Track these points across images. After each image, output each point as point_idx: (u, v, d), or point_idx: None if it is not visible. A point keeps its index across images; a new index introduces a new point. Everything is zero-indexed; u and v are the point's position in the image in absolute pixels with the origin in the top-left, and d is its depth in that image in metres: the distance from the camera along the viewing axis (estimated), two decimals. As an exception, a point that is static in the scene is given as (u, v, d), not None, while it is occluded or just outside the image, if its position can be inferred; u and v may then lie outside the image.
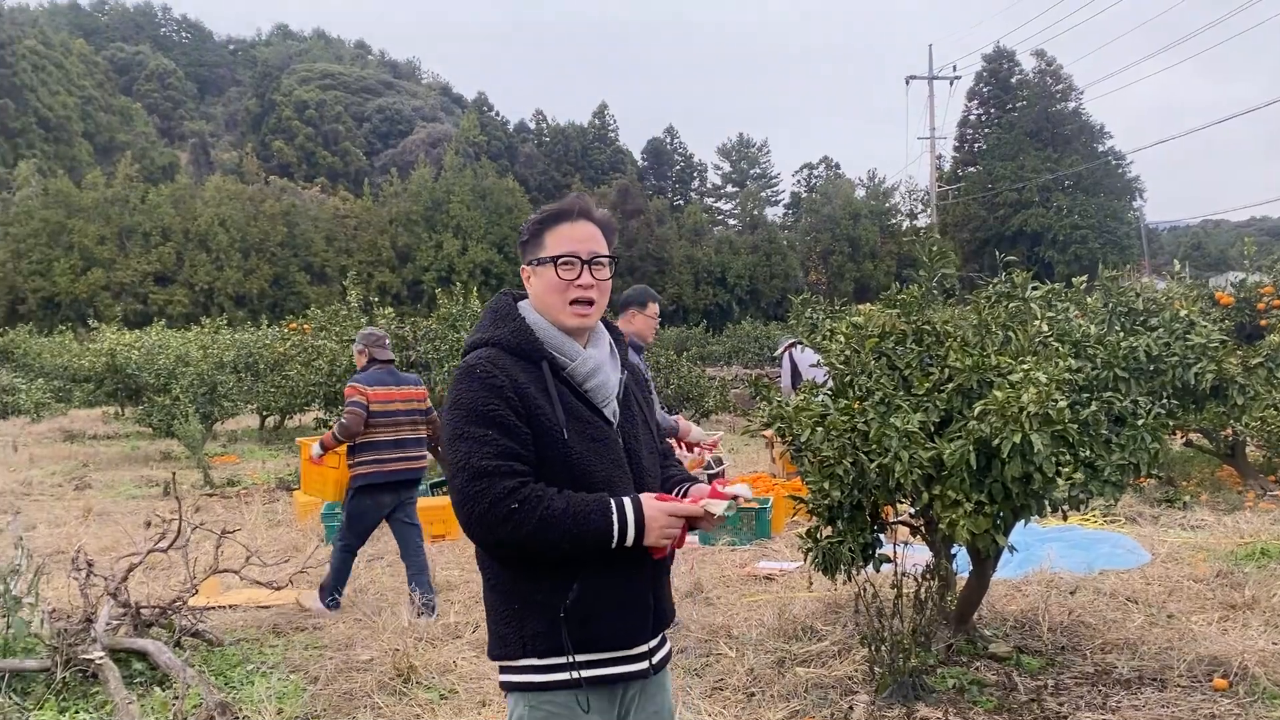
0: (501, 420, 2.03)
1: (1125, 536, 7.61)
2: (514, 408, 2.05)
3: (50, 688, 4.43)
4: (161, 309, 39.83)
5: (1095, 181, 51.98)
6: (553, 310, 2.19)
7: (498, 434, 2.02)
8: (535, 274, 2.21)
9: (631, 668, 2.16)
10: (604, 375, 2.21)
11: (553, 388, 2.12)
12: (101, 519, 9.88)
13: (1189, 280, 10.94)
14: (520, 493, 1.98)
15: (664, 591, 2.26)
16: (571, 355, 2.18)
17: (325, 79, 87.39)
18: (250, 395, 16.03)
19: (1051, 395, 3.54)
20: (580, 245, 2.20)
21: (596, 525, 2.01)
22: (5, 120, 59.70)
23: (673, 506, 2.08)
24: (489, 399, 2.04)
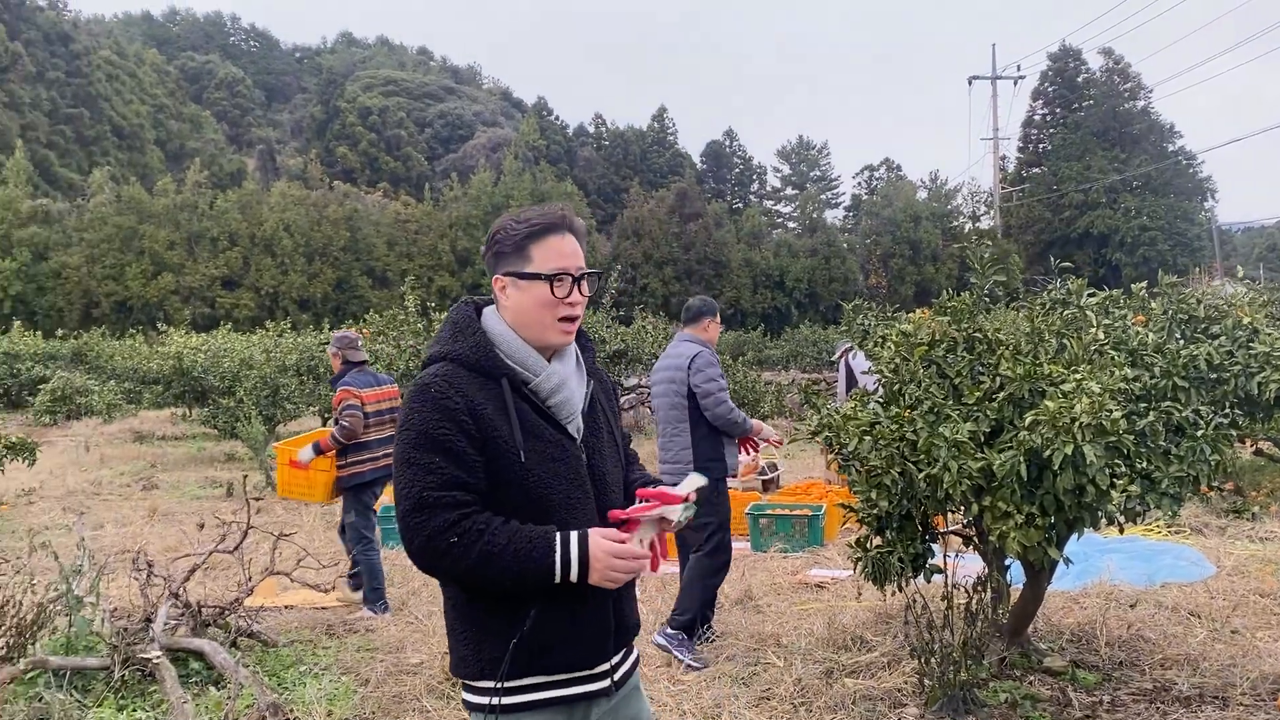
0: (449, 446, 1.97)
1: (1189, 548, 7.42)
2: (466, 431, 1.99)
3: (109, 685, 4.54)
4: (228, 312, 40.69)
5: (1165, 182, 50.75)
6: (537, 327, 2.12)
7: (444, 461, 1.96)
8: (519, 288, 2.11)
9: (593, 686, 2.12)
10: (568, 390, 2.15)
11: (511, 406, 2.06)
12: (166, 519, 10.11)
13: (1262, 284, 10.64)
14: (460, 525, 1.93)
15: (628, 607, 2.22)
16: (535, 370, 2.11)
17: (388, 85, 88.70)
18: (312, 398, 16.30)
19: (1105, 405, 3.45)
20: (570, 261, 2.12)
21: (538, 563, 1.95)
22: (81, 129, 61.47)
23: (619, 549, 1.99)
24: (440, 422, 1.97)
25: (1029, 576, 4.75)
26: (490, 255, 2.16)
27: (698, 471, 5.11)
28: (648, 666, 5.11)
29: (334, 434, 6.29)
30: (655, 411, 5.70)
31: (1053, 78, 56.18)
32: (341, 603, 6.53)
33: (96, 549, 8.19)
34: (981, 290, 4.59)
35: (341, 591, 6.58)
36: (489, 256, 2.17)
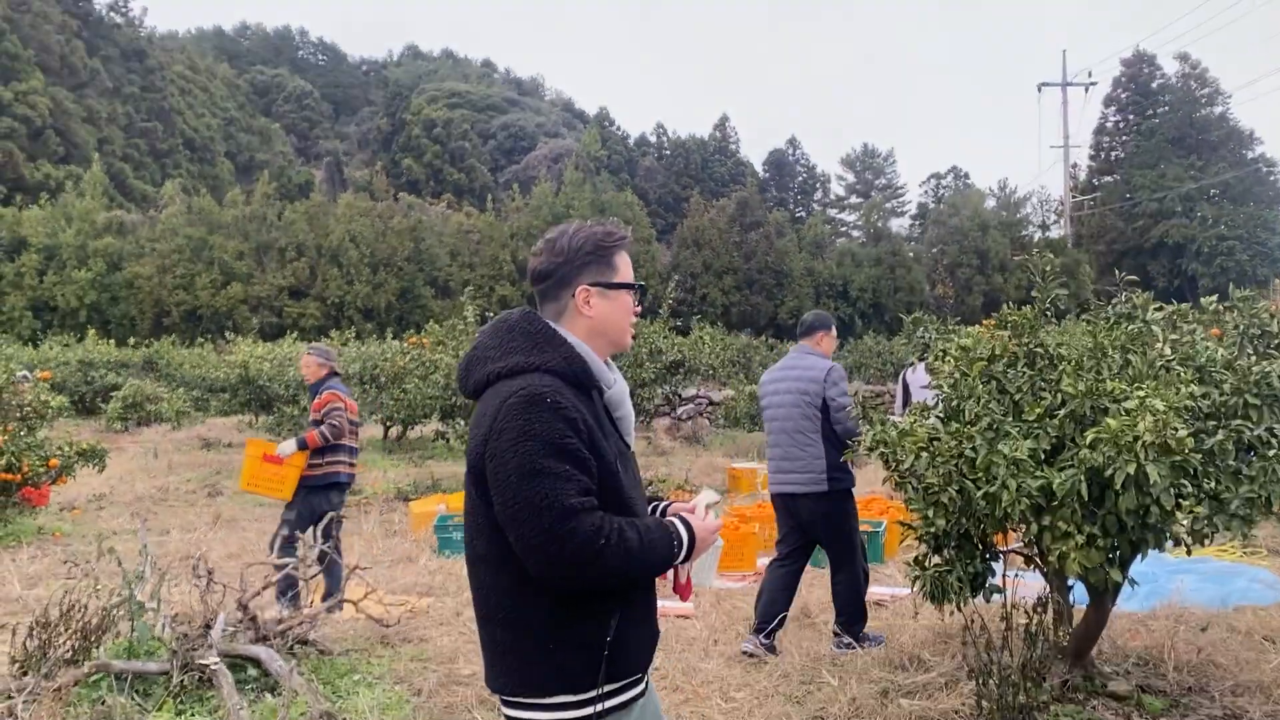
0: (578, 454, 1.96)
1: (1265, 570, 7.17)
2: (584, 440, 1.99)
3: (169, 690, 4.61)
4: (295, 321, 41.41)
5: (1244, 190, 49.35)
6: (618, 334, 2.19)
7: (576, 469, 1.95)
8: (604, 297, 2.15)
9: (640, 687, 2.16)
10: (629, 403, 2.24)
11: (605, 418, 2.11)
12: (230, 525, 10.30)
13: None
14: (605, 529, 1.93)
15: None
16: (608, 383, 2.16)
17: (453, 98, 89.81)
18: (374, 406, 16.51)
19: (1170, 423, 3.34)
20: (633, 274, 2.24)
21: (663, 552, 2.04)
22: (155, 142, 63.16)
23: (707, 525, 2.13)
24: (565, 431, 1.95)
25: (1092, 597, 4.61)
26: (570, 266, 2.14)
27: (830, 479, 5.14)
28: (696, 683, 5.06)
29: (322, 432, 6.65)
30: (773, 421, 5.80)
31: (1126, 83, 55.04)
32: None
33: (161, 554, 8.36)
34: (1044, 304, 4.48)
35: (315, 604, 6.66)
36: (573, 266, 2.14)
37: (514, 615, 2.03)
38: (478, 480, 2.02)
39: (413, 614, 6.50)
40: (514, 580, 2.02)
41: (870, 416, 4.74)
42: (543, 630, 2.01)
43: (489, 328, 2.18)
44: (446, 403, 11.84)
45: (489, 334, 2.15)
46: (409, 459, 17.16)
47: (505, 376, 2.04)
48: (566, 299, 2.15)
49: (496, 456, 1.95)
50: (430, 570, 7.86)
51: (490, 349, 2.10)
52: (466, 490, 2.09)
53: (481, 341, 2.15)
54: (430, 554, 8.52)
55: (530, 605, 2.01)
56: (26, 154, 51.33)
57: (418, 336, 16.61)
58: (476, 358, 2.12)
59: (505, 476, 1.93)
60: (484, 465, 1.98)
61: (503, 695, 2.10)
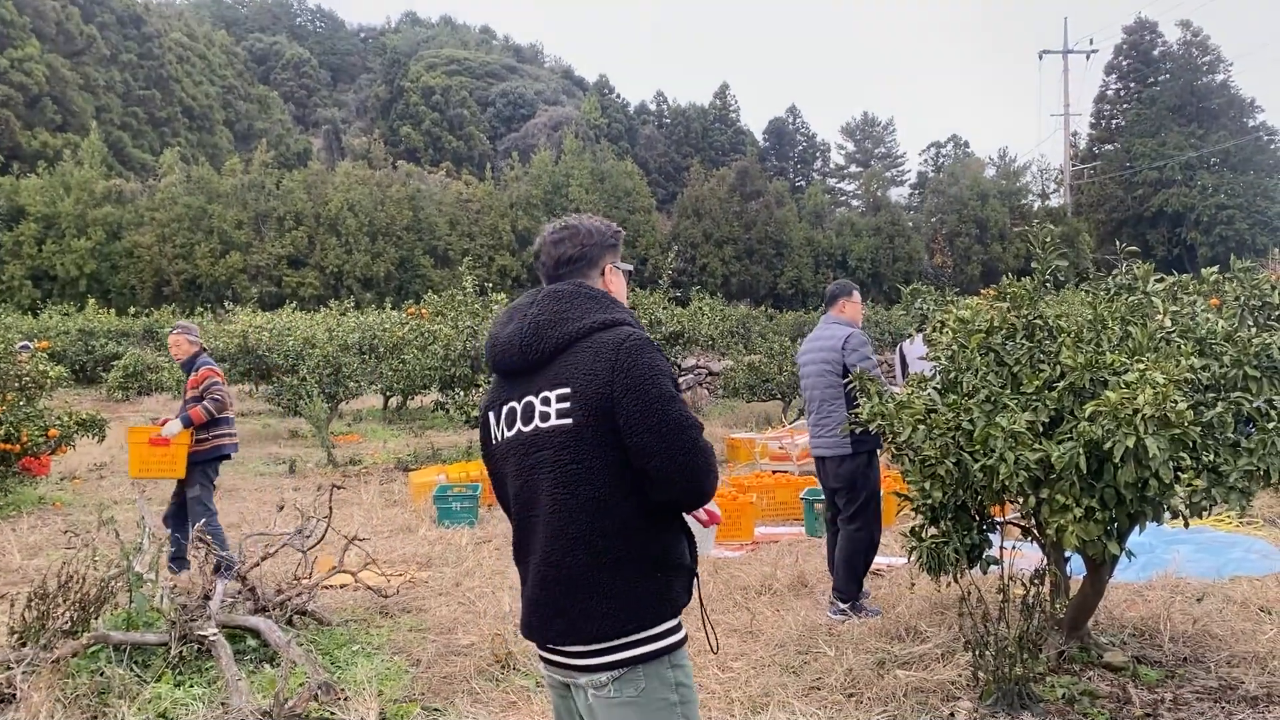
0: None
1: (1261, 540, 7.19)
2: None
3: (167, 661, 4.63)
4: (294, 291, 41.32)
5: (1245, 159, 49.08)
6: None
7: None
8: (618, 275, 2.47)
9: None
10: None
11: None
12: (230, 495, 10.31)
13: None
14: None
15: None
16: None
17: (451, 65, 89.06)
18: (373, 377, 16.49)
19: (1170, 396, 3.32)
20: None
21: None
22: (153, 110, 62.70)
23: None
24: (669, 368, 2.24)
25: (1089, 569, 4.62)
26: (598, 248, 2.42)
27: (853, 441, 5.17)
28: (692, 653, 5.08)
29: (206, 407, 6.88)
30: (806, 390, 6.08)
31: (1127, 51, 54.65)
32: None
33: (160, 525, 8.38)
34: (1043, 275, 4.45)
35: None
36: (600, 248, 2.42)
37: (627, 551, 2.16)
38: (595, 423, 2.14)
39: (412, 584, 6.52)
40: (626, 516, 2.15)
41: (868, 389, 4.72)
42: (657, 558, 2.19)
43: (545, 297, 2.31)
44: (446, 373, 11.81)
45: (550, 301, 2.30)
46: (408, 429, 17.19)
47: (602, 329, 2.23)
48: (595, 277, 2.40)
49: (633, 390, 2.13)
50: (430, 540, 7.88)
51: (563, 312, 2.26)
52: (562, 442, 2.17)
53: (544, 308, 2.29)
54: (430, 524, 8.54)
55: (643, 537, 2.17)
56: (23, 122, 50.93)
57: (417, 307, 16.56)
58: (547, 321, 2.26)
59: (648, 405, 2.12)
60: (609, 406, 2.13)
61: (602, 642, 2.15)
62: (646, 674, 2.15)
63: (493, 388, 2.41)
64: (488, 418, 2.39)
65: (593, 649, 2.16)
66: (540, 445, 2.19)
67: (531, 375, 2.26)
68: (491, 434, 2.37)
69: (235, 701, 4.16)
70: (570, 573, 2.16)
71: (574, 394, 2.16)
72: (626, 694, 2.15)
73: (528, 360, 2.26)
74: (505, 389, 2.33)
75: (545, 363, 2.24)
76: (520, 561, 2.35)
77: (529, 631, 2.29)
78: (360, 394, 17.17)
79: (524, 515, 2.28)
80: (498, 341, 2.34)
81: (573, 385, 2.17)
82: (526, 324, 2.28)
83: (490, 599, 6.03)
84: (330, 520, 5.87)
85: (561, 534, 2.17)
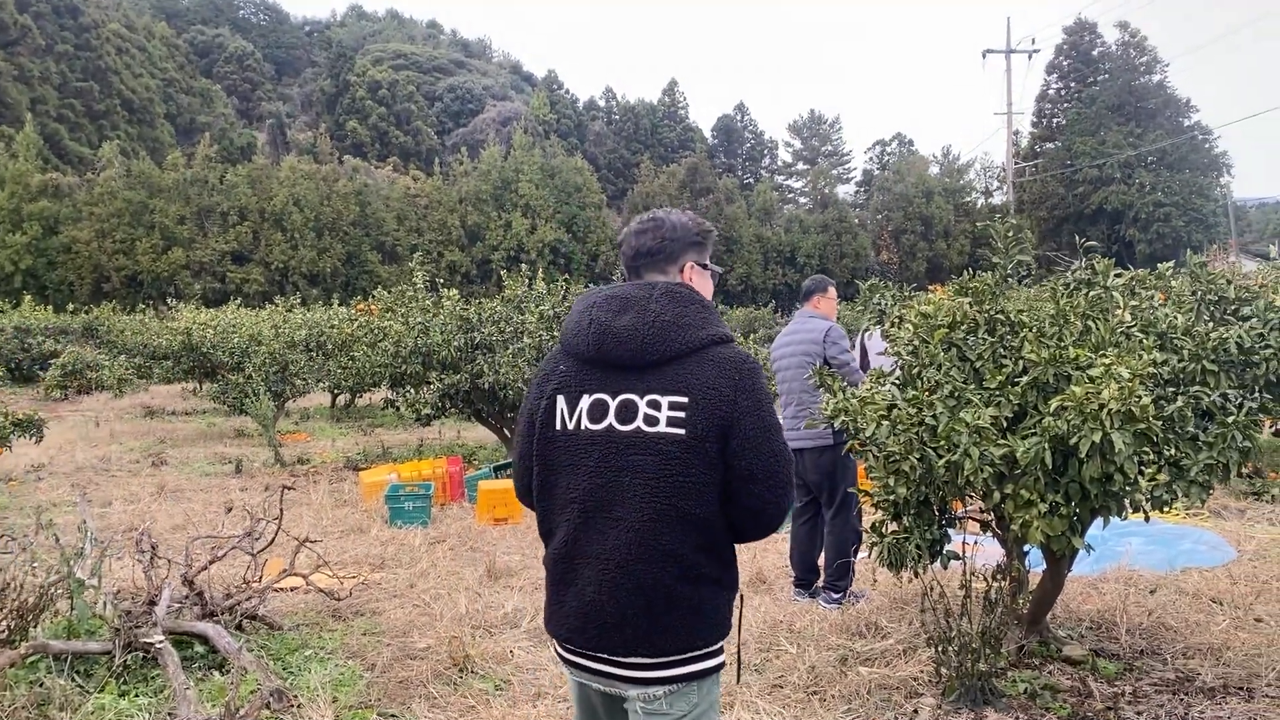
0: None
1: (1209, 532, 7.30)
2: None
3: (111, 670, 4.47)
4: (238, 287, 40.67)
5: (1180, 157, 50.15)
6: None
7: None
8: (703, 276, 2.36)
9: None
10: None
11: None
12: (175, 496, 10.06)
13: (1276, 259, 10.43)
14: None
15: None
16: None
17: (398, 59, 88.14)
18: (321, 374, 16.23)
19: (1135, 391, 3.32)
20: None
21: None
22: (90, 103, 61.27)
23: None
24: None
25: (1049, 564, 4.64)
26: (680, 243, 2.32)
27: (834, 431, 5.28)
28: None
29: None
30: (782, 384, 6.19)
31: (1067, 51, 55.59)
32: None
33: (104, 526, 8.15)
34: (1004, 270, 4.45)
35: None
36: (682, 244, 2.32)
37: (710, 570, 2.15)
38: (709, 439, 2.08)
39: (365, 586, 6.38)
40: (716, 536, 2.15)
41: (830, 385, 4.70)
42: (723, 581, 2.19)
43: (663, 295, 2.20)
44: (396, 370, 11.62)
45: (670, 302, 2.19)
46: (357, 427, 16.95)
47: (717, 343, 2.17)
48: (674, 273, 2.32)
49: (751, 414, 2.10)
50: (382, 541, 7.73)
51: (684, 316, 2.17)
52: (669, 451, 2.09)
53: (666, 308, 2.18)
54: (382, 524, 8.38)
55: (722, 560, 2.18)
56: (-46, 114, 49.55)
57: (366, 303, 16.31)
58: (671, 323, 2.15)
59: (765, 430, 2.11)
60: (727, 425, 2.08)
61: (670, 655, 2.12)
62: (699, 689, 2.15)
63: (568, 372, 2.24)
64: (555, 401, 2.23)
65: (658, 662, 2.11)
66: (639, 449, 2.10)
67: (639, 373, 2.15)
68: (558, 419, 2.22)
69: (183, 711, 4.02)
70: (653, 585, 2.10)
71: (692, 405, 2.09)
72: (679, 709, 2.13)
73: (644, 357, 2.14)
74: (593, 378, 2.20)
75: (660, 364, 2.14)
76: (565, 559, 2.21)
77: (575, 637, 2.18)
78: (308, 392, 16.90)
79: (593, 514, 2.15)
80: (610, 330, 2.18)
81: (692, 396, 2.09)
82: (649, 319, 2.16)
83: (446, 601, 5.92)
84: (281, 522, 5.72)
85: (651, 545, 2.10)
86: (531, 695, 4.45)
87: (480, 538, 7.88)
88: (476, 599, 5.96)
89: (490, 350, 11.25)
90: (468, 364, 11.20)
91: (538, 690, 4.52)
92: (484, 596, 6.03)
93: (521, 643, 5.17)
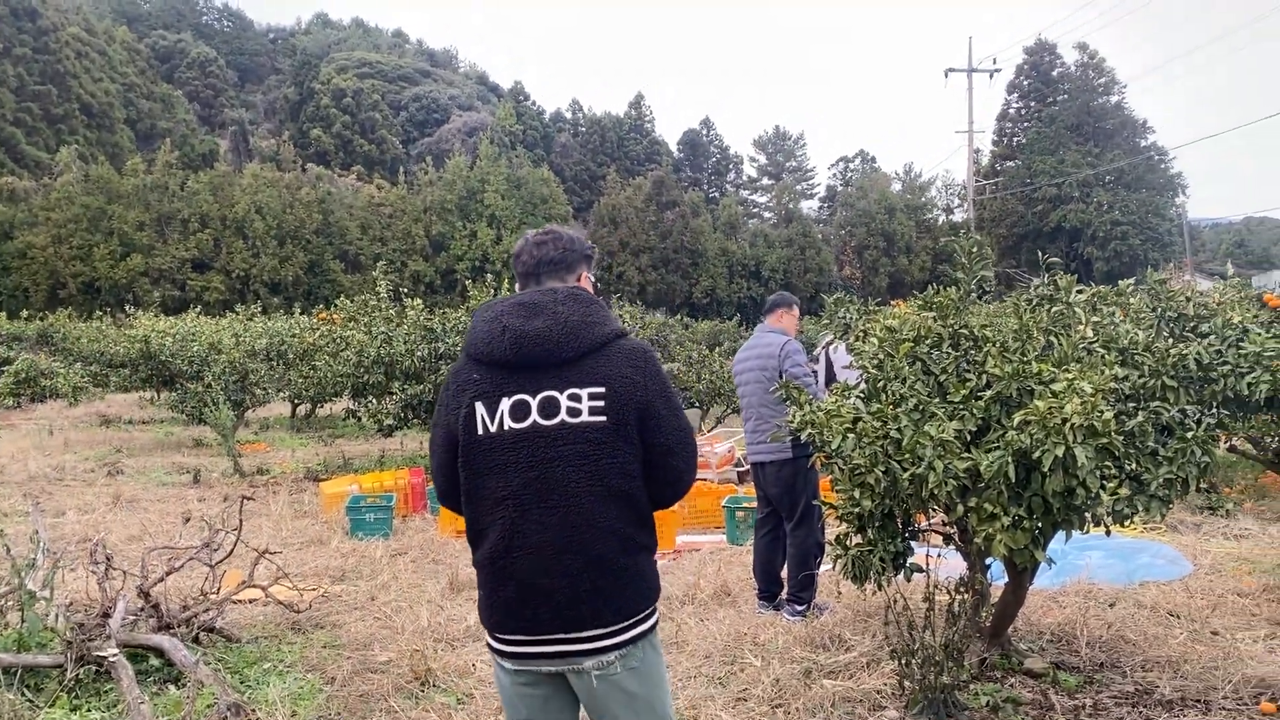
0: None
1: (1166, 545, 7.39)
2: None
3: (63, 684, 4.37)
4: (199, 295, 40.18)
5: (1137, 177, 51.01)
6: None
7: None
8: (589, 286, 2.61)
9: None
10: None
11: None
12: (130, 506, 9.90)
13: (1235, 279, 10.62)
14: None
15: None
16: None
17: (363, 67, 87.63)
18: (282, 383, 16.05)
19: (1097, 406, 3.36)
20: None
21: None
22: (48, 107, 60.36)
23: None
24: None
25: (1011, 577, 4.67)
26: (577, 255, 2.57)
27: (794, 444, 5.63)
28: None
29: None
30: (743, 397, 6.24)
31: (1028, 71, 56.38)
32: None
33: (57, 537, 8.00)
34: (969, 285, 4.49)
35: None
36: (578, 255, 2.57)
37: (638, 541, 2.38)
38: (628, 422, 2.32)
39: (325, 599, 6.31)
40: (643, 508, 2.40)
41: (796, 399, 4.71)
42: (651, 548, 2.44)
43: (568, 298, 2.40)
44: (359, 380, 11.52)
45: (575, 303, 2.40)
46: (318, 437, 16.79)
47: (620, 336, 2.42)
48: (571, 280, 2.55)
49: (660, 396, 2.37)
50: (343, 553, 7.65)
51: (590, 315, 2.39)
52: (596, 438, 2.30)
53: (573, 309, 2.38)
54: (342, 536, 8.30)
55: (649, 528, 2.44)
56: (-93, 116, 48.63)
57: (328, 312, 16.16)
58: (579, 322, 2.36)
59: (670, 411, 2.38)
60: (643, 408, 2.34)
61: (623, 621, 2.34)
62: (644, 646, 2.39)
63: (481, 379, 2.38)
64: (474, 408, 2.36)
65: (611, 630, 2.32)
66: (567, 439, 2.29)
67: (556, 370, 2.33)
68: (479, 424, 2.35)
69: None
70: (598, 560, 2.30)
71: (610, 393, 2.31)
72: (631, 665, 2.36)
73: (560, 356, 2.33)
74: (510, 381, 2.35)
75: (573, 361, 2.33)
76: (503, 555, 2.34)
77: (527, 626, 2.33)
78: (268, 401, 16.70)
79: (529, 507, 2.31)
80: (524, 334, 2.34)
81: (609, 385, 2.31)
82: (561, 321, 2.35)
83: (408, 613, 5.86)
84: (239, 533, 5.64)
85: (592, 524, 2.29)
86: (494, 709, 4.41)
87: (442, 550, 7.81)
88: (439, 612, 5.90)
89: (454, 360, 11.18)
90: (431, 374, 11.13)
91: (499, 704, 4.47)
92: (446, 609, 5.98)
93: (484, 655, 5.12)
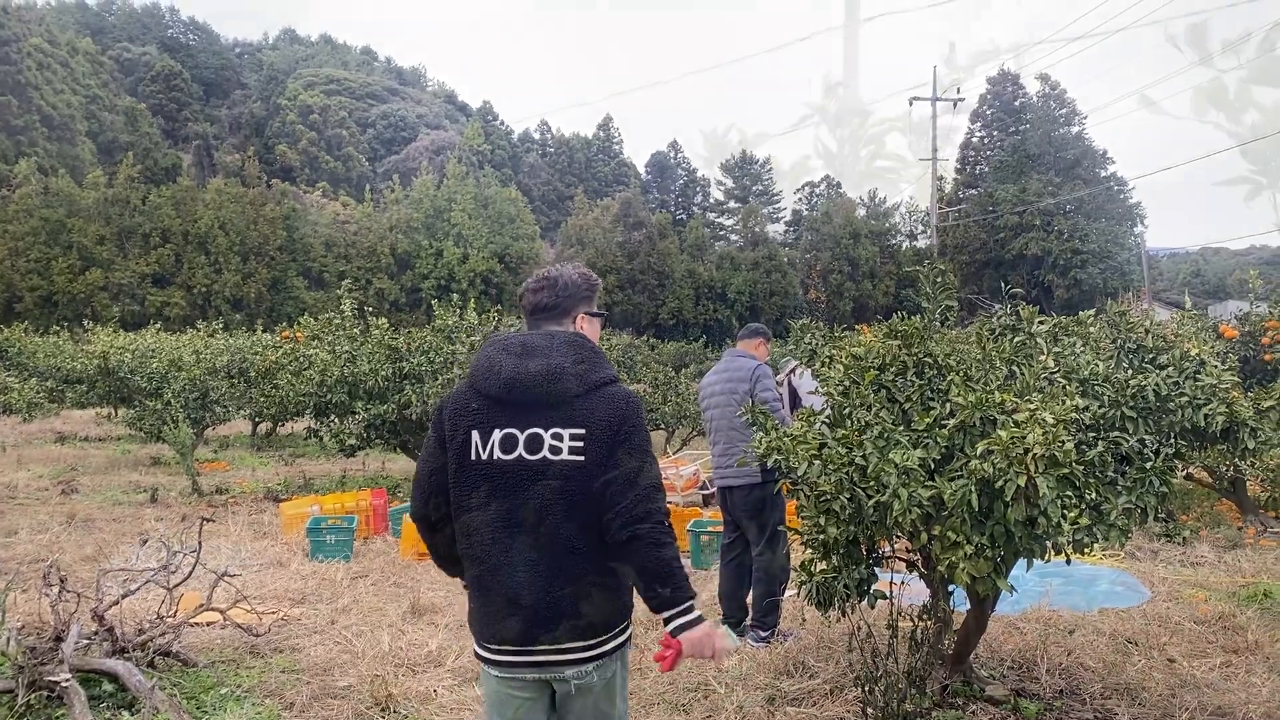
0: None
1: (1124, 573, 7.48)
2: None
3: (13, 710, 4.28)
4: (159, 310, 39.69)
5: (1097, 206, 51.81)
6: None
7: None
8: (589, 323, 2.80)
9: None
10: None
11: None
12: (86, 525, 9.72)
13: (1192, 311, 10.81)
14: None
15: None
16: None
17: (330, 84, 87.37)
18: (242, 401, 15.87)
19: (1059, 436, 3.40)
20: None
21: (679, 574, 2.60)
22: (8, 117, 59.63)
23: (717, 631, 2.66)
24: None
25: (973, 604, 4.69)
26: (572, 299, 2.76)
27: (763, 469, 5.25)
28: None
29: None
30: (711, 420, 6.27)
31: (991, 101, 57.22)
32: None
33: (8, 557, 7.84)
34: (933, 314, 4.54)
35: None
36: (574, 299, 2.76)
37: (602, 564, 2.55)
38: (601, 462, 2.50)
39: (284, 622, 6.22)
40: (598, 538, 2.53)
41: (763, 424, 4.72)
42: (617, 572, 2.59)
43: (564, 345, 2.62)
44: (321, 399, 11.41)
45: (571, 349, 2.61)
46: (279, 457, 16.60)
47: (609, 383, 2.62)
48: (568, 324, 2.75)
49: (634, 437, 2.56)
50: (303, 575, 7.56)
51: (583, 360, 2.61)
52: (573, 474, 2.51)
53: (567, 355, 2.60)
54: (303, 558, 8.20)
55: (606, 555, 2.56)
56: None
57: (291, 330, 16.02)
58: (567, 370, 2.57)
59: (643, 454, 2.56)
60: (614, 451, 2.51)
61: (602, 635, 2.57)
62: (616, 660, 2.63)
63: (479, 409, 2.60)
64: (470, 435, 2.58)
65: (589, 644, 2.55)
66: (548, 474, 2.51)
67: (544, 410, 2.55)
68: (472, 451, 2.57)
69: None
70: (580, 579, 2.53)
71: (589, 435, 2.52)
72: (604, 676, 2.60)
73: (549, 399, 2.55)
74: (502, 415, 2.57)
75: (560, 403, 2.55)
76: (491, 573, 2.57)
77: (515, 638, 2.54)
78: (228, 419, 16.51)
79: (513, 530, 2.53)
80: (518, 375, 2.57)
81: (588, 428, 2.53)
82: (553, 366, 2.57)
83: (368, 638, 5.79)
84: (198, 554, 5.56)
85: (570, 549, 2.51)
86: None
87: (404, 573, 7.74)
88: (400, 636, 5.84)
89: (419, 380, 11.12)
90: (395, 394, 11.05)
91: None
92: (407, 634, 5.92)
93: (445, 681, 5.07)
